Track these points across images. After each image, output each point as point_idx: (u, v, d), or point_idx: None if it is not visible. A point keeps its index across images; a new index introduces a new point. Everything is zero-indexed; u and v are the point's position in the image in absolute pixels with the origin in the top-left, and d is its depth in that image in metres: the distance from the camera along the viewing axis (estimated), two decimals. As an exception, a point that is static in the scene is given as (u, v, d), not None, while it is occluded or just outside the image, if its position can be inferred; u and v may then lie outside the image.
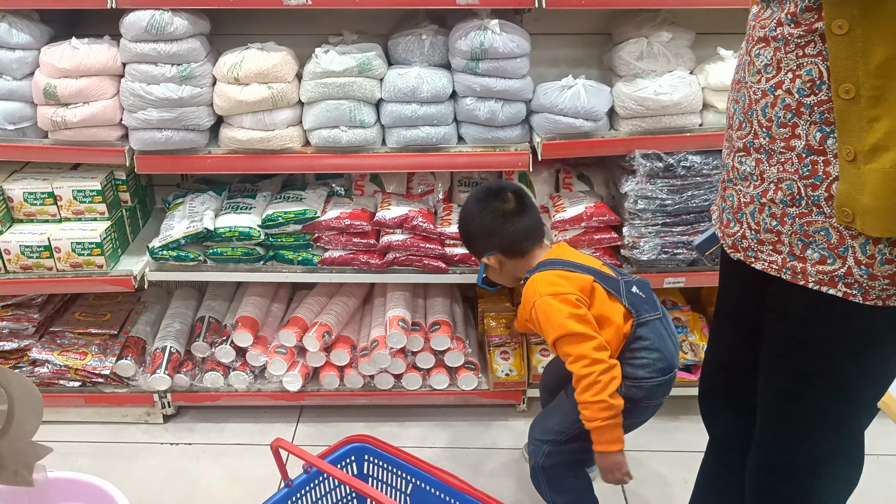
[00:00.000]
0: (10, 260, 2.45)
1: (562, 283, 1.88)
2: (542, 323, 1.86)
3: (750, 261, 1.43)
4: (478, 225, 2.01)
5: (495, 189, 2.04)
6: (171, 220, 2.52)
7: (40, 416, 0.92)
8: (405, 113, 2.33)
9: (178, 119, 2.31)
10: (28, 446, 0.92)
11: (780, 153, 1.31)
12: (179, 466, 2.50)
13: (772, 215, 1.35)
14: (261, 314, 2.70)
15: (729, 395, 1.71)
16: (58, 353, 2.60)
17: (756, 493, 1.59)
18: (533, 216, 2.02)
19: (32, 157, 2.48)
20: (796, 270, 1.34)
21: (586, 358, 1.80)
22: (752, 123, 1.35)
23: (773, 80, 1.29)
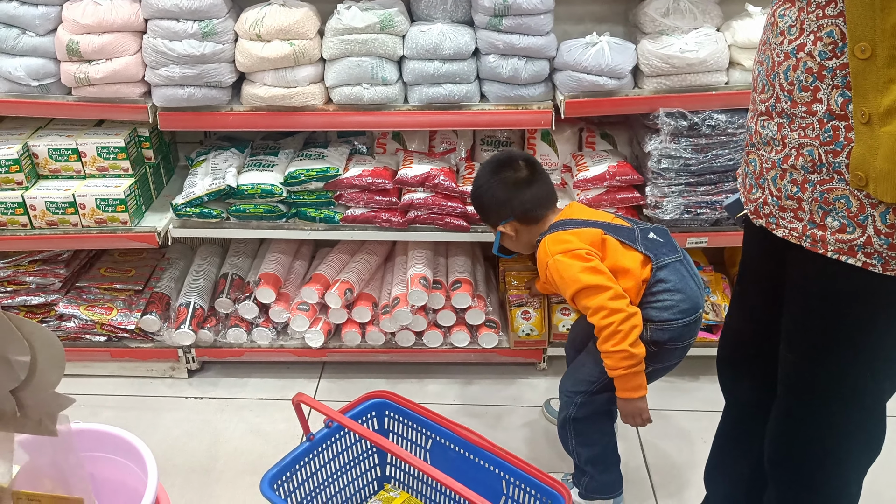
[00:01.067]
0: (37, 216, 2.48)
1: (571, 239, 1.89)
2: (558, 281, 1.88)
3: (771, 227, 1.41)
4: (491, 196, 2.02)
5: (505, 159, 2.06)
6: (195, 178, 2.54)
7: (62, 368, 0.94)
8: (427, 70, 2.30)
9: (200, 76, 2.30)
10: (51, 396, 0.95)
11: (801, 118, 1.28)
12: (203, 420, 2.55)
13: (793, 181, 1.33)
14: (283, 271, 2.72)
15: (748, 362, 1.70)
16: (84, 307, 2.65)
17: (775, 461, 1.58)
18: (545, 183, 2.03)
19: (56, 113, 2.50)
20: (816, 238, 1.32)
21: (604, 309, 1.81)
22: (774, 87, 1.32)
23: (796, 41, 1.25)
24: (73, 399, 0.98)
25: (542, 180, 2.02)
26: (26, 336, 0.91)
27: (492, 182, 2.01)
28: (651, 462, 2.36)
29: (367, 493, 2.18)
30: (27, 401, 0.94)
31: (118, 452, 1.64)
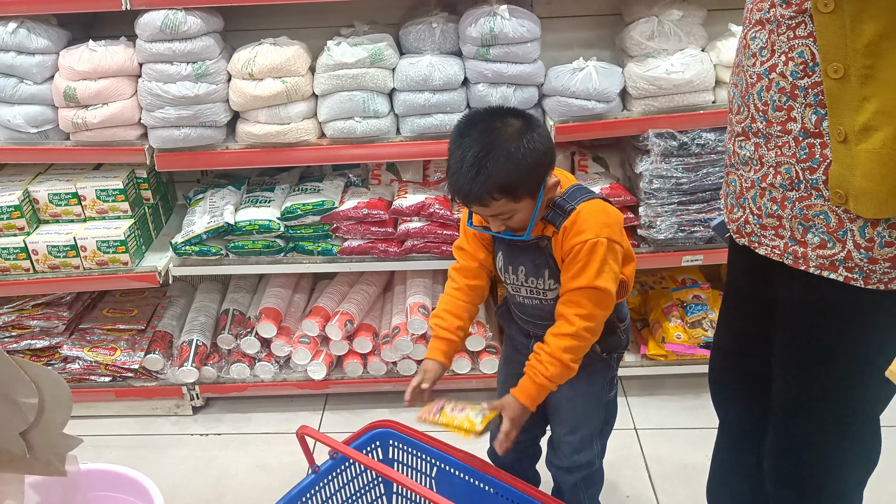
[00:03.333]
0: (39, 260, 2.51)
1: (615, 226, 1.63)
2: (584, 263, 1.58)
3: (754, 246, 1.42)
4: (527, 147, 1.53)
5: (494, 114, 1.62)
6: (193, 216, 2.57)
7: (70, 408, 0.96)
8: (418, 101, 2.34)
9: (195, 116, 2.34)
10: (59, 437, 0.96)
11: (777, 137, 1.30)
12: (209, 456, 2.56)
13: (772, 200, 1.34)
14: (283, 305, 2.74)
15: (739, 380, 1.70)
16: (88, 349, 2.67)
17: (775, 477, 1.59)
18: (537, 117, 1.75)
19: (55, 158, 2.54)
20: (797, 255, 1.33)
21: (594, 321, 1.62)
22: (749, 107, 1.34)
23: (768, 63, 1.28)
24: (81, 439, 0.99)
25: (542, 127, 1.63)
26: (33, 378, 0.93)
27: (517, 136, 1.54)
28: (656, 482, 2.36)
29: (374, 523, 2.18)
30: (36, 442, 0.96)
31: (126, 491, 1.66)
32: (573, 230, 1.60)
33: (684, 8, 2.35)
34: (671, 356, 2.62)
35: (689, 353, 2.59)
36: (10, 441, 0.96)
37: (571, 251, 1.60)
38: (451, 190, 1.61)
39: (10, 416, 0.95)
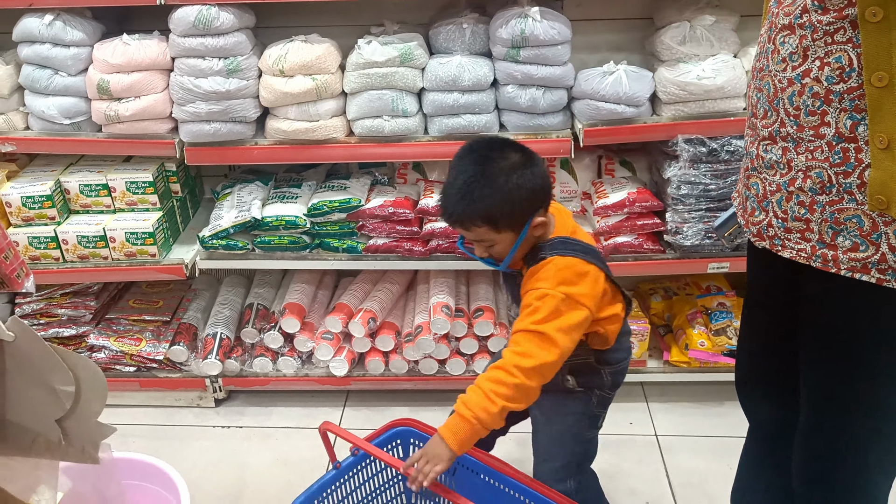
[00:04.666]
0: (69, 249, 2.54)
1: (581, 285, 1.60)
2: (532, 308, 1.59)
3: (776, 249, 1.42)
4: (516, 182, 1.57)
5: (494, 144, 1.66)
6: (220, 210, 2.59)
7: (105, 398, 0.97)
8: (447, 102, 2.35)
9: (225, 111, 2.37)
10: (94, 425, 0.98)
11: (808, 141, 1.29)
12: (230, 448, 2.58)
13: (800, 203, 1.34)
14: (307, 301, 2.76)
15: (766, 383, 1.70)
16: (114, 339, 2.70)
17: (803, 480, 1.58)
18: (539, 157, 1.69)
19: (87, 150, 2.57)
20: (827, 258, 1.33)
21: (531, 360, 1.55)
22: (778, 112, 1.33)
23: (800, 68, 1.27)
24: (115, 428, 1.01)
25: (541, 167, 1.64)
26: (71, 367, 0.95)
27: (508, 171, 1.57)
28: (676, 489, 2.35)
29: (394, 520, 2.18)
30: (71, 429, 0.98)
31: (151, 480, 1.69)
32: (534, 277, 1.62)
33: (716, 13, 2.33)
34: (694, 363, 2.60)
35: (712, 361, 2.57)
36: (47, 427, 0.98)
37: (526, 295, 1.62)
38: (439, 209, 1.65)
39: (47, 403, 0.96)
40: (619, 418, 2.64)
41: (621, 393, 2.70)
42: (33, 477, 1.06)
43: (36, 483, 1.07)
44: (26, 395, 0.98)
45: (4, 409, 1.00)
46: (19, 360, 0.95)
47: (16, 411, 1.00)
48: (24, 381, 0.97)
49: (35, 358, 0.95)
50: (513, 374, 1.54)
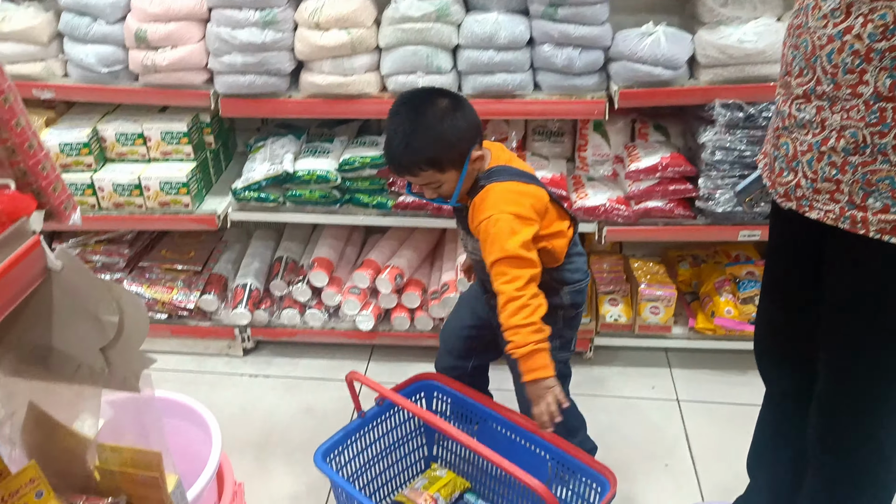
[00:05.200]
0: (104, 197, 2.58)
1: (523, 202, 1.75)
2: (491, 237, 1.73)
3: (803, 210, 1.41)
4: (450, 124, 1.73)
5: (422, 93, 1.83)
6: (253, 163, 2.61)
7: (146, 329, 1.00)
8: (482, 59, 2.34)
9: (260, 63, 2.38)
10: (136, 355, 1.01)
11: (844, 100, 1.28)
12: (257, 396, 2.64)
13: (831, 164, 1.33)
14: (336, 256, 2.79)
15: (784, 350, 1.71)
16: (147, 286, 2.75)
17: (819, 441, 1.59)
18: (472, 110, 1.83)
19: (124, 99, 2.60)
20: (856, 219, 1.33)
21: (521, 279, 1.71)
22: (814, 70, 1.32)
23: (842, 24, 1.25)
24: (155, 359, 1.04)
25: (469, 107, 1.81)
26: (115, 298, 0.98)
27: (440, 112, 1.74)
28: (696, 453, 2.37)
29: (415, 471, 2.23)
30: (114, 359, 1.01)
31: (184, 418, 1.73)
32: (478, 209, 1.77)
33: (760, -24, 2.29)
34: (720, 331, 2.60)
35: (738, 329, 2.57)
36: (91, 356, 1.01)
37: (478, 229, 1.76)
38: (385, 162, 1.83)
39: (92, 332, 1.00)
40: (642, 382, 2.65)
41: (644, 357, 2.74)
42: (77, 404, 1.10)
43: (79, 410, 1.11)
44: (72, 324, 1.01)
45: (51, 338, 1.03)
46: (66, 289, 0.98)
47: (62, 340, 1.03)
48: (70, 310, 1.00)
49: (81, 288, 0.98)
50: (518, 296, 1.70)
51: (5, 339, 1.05)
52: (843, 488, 1.59)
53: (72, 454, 1.13)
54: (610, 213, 2.45)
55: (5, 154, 0.94)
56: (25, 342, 1.05)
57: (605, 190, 2.54)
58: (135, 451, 1.08)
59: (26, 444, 1.15)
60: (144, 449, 1.08)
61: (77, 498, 1.15)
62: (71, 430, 1.13)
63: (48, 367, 1.06)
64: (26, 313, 1.01)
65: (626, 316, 2.66)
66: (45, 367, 1.06)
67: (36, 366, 1.07)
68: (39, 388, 1.10)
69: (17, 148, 0.94)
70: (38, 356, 1.06)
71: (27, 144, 0.96)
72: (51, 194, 0.98)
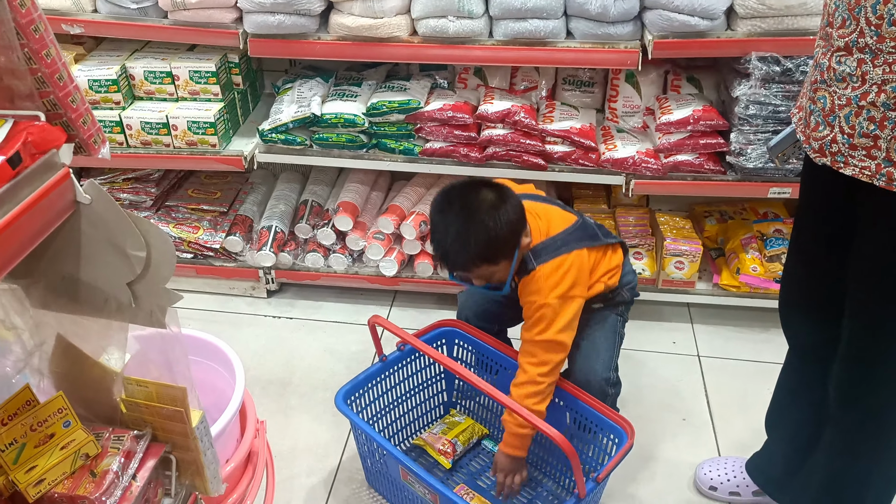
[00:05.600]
0: (132, 135, 2.59)
1: (566, 280, 1.82)
2: (535, 319, 1.83)
3: (838, 166, 1.38)
4: (505, 220, 1.76)
5: (468, 189, 1.83)
6: (280, 105, 2.60)
7: (173, 264, 1.01)
8: (514, 4, 2.28)
9: (290, 3, 2.34)
10: (162, 291, 1.03)
11: (888, 53, 1.24)
12: (280, 337, 2.68)
13: (870, 119, 1.30)
14: (361, 200, 2.79)
15: (812, 305, 1.69)
16: (173, 225, 2.78)
17: (840, 398, 1.59)
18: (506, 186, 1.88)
19: (152, 36, 2.58)
20: (892, 176, 1.30)
21: (548, 365, 1.82)
22: (858, 21, 1.28)
23: None
24: (182, 295, 1.05)
25: (508, 189, 1.85)
26: (143, 233, 0.98)
27: (488, 209, 1.76)
28: (714, 408, 2.37)
29: (434, 416, 2.26)
30: (141, 293, 1.03)
31: (209, 356, 1.76)
32: (527, 289, 1.85)
33: (807, -77, 2.20)
34: (744, 287, 2.58)
35: (763, 287, 2.55)
36: (119, 290, 1.03)
37: (525, 306, 1.86)
38: (437, 260, 1.83)
39: (119, 266, 1.01)
40: (663, 337, 2.65)
41: (665, 312, 2.73)
42: (104, 337, 1.12)
43: (107, 343, 1.14)
44: (100, 258, 1.02)
45: (79, 271, 1.05)
46: (94, 222, 0.99)
47: (89, 273, 1.05)
48: (98, 243, 1.01)
49: (109, 222, 0.98)
50: (538, 382, 1.83)
51: (35, 270, 1.07)
52: (864, 443, 1.60)
53: (99, 386, 1.16)
54: (638, 166, 2.42)
55: (35, 85, 0.94)
56: (54, 274, 1.06)
57: (634, 142, 2.51)
58: (160, 385, 1.11)
59: (54, 374, 1.18)
60: (170, 384, 1.10)
61: (103, 429, 1.18)
62: (98, 362, 1.16)
63: (76, 300, 1.08)
64: (55, 246, 1.02)
65: (650, 270, 2.65)
66: (73, 300, 1.08)
67: (64, 298, 1.09)
68: (68, 320, 1.12)
69: (47, 79, 0.94)
70: (66, 288, 1.08)
71: (57, 76, 0.96)
72: (80, 127, 0.99)
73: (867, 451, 1.61)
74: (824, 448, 1.69)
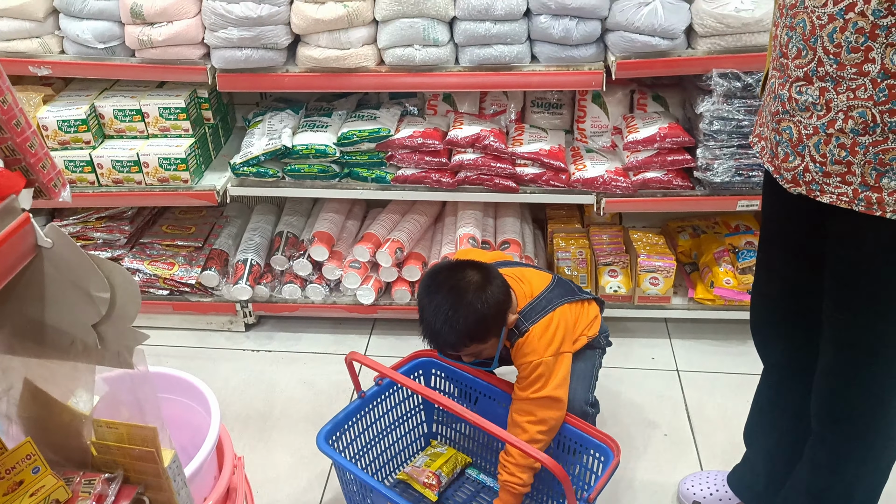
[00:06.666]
0: (103, 174, 2.59)
1: (557, 336, 1.87)
2: (531, 379, 1.85)
3: (814, 194, 1.38)
4: (492, 300, 1.81)
5: (454, 271, 1.88)
6: (252, 138, 2.61)
7: (138, 304, 1.01)
8: (479, 31, 2.32)
9: (257, 38, 2.36)
10: (128, 331, 1.02)
11: (850, 80, 1.25)
12: (260, 370, 2.66)
13: (840, 146, 1.30)
14: (336, 230, 2.80)
15: (783, 324, 1.70)
16: (147, 262, 2.77)
17: (821, 416, 1.59)
18: (495, 270, 1.91)
19: (121, 75, 2.58)
20: (871, 201, 1.30)
21: (547, 423, 1.85)
22: (815, 50, 1.28)
23: (843, 2, 1.21)
24: (148, 335, 1.05)
25: (492, 268, 1.91)
26: (106, 274, 0.98)
27: (474, 290, 1.81)
28: (695, 423, 2.38)
29: (416, 448, 2.24)
30: (107, 334, 1.02)
31: (183, 394, 1.75)
32: (521, 351, 1.88)
33: (760, -58, 2.25)
34: (719, 301, 2.60)
35: (737, 299, 2.57)
36: (84, 332, 1.02)
37: (521, 367, 1.88)
38: (426, 340, 1.88)
39: (84, 308, 1.00)
40: (642, 353, 2.66)
41: (644, 328, 2.75)
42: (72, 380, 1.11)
43: (75, 386, 1.13)
44: (64, 301, 1.02)
45: (43, 314, 1.04)
46: (57, 265, 0.99)
47: (54, 316, 1.04)
48: (61, 286, 1.01)
49: (72, 264, 0.98)
50: (538, 440, 1.84)
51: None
52: (848, 461, 1.59)
53: (68, 430, 1.15)
54: (608, 185, 2.45)
55: (-8, 132, 0.94)
56: (19, 318, 1.06)
57: (603, 161, 2.53)
58: (130, 426, 1.10)
59: (22, 419, 1.16)
60: (140, 424, 1.09)
61: (73, 473, 1.16)
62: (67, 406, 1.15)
63: (42, 343, 1.07)
64: (18, 290, 1.02)
65: (625, 287, 2.66)
66: (39, 343, 1.07)
67: (30, 342, 1.08)
68: (34, 364, 1.11)
69: (4, 125, 0.94)
70: (32, 332, 1.07)
71: (14, 122, 0.96)
72: (40, 171, 0.99)
73: (851, 469, 1.61)
74: (806, 464, 1.69)
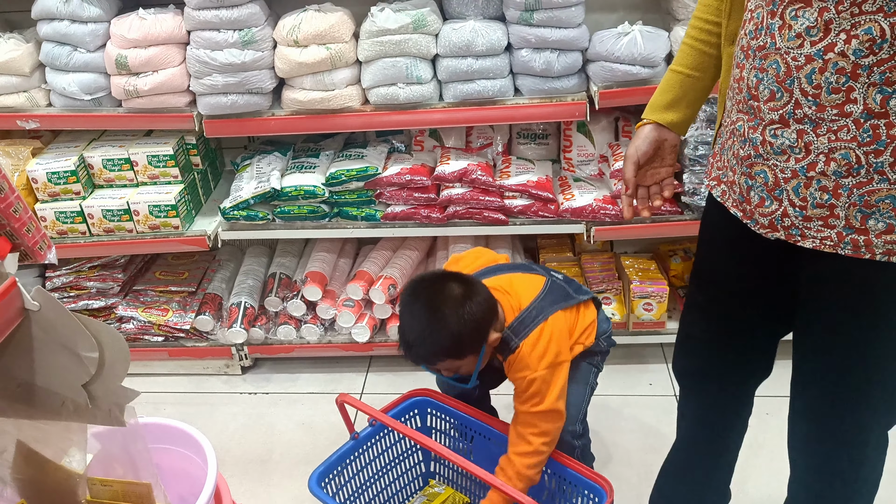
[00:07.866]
0: (94, 224, 2.60)
1: (552, 347, 1.81)
2: (529, 393, 1.81)
3: (794, 239, 1.33)
4: (472, 315, 1.74)
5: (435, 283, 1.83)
6: (240, 182, 2.63)
7: (127, 362, 1.01)
8: (461, 67, 2.35)
9: (241, 83, 2.39)
10: (119, 389, 1.02)
11: (831, 121, 1.21)
12: (258, 414, 2.65)
13: (822, 189, 1.26)
14: (328, 269, 2.80)
15: (715, 373, 1.65)
16: (141, 310, 2.76)
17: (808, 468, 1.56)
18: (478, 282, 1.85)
19: (108, 125, 2.61)
20: (858, 244, 1.26)
21: (550, 435, 1.83)
22: (791, 92, 1.23)
23: (821, 43, 1.18)
24: (139, 392, 1.05)
25: (477, 283, 1.84)
26: (94, 334, 0.99)
27: (455, 303, 1.74)
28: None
29: (413, 489, 2.22)
30: (97, 393, 1.02)
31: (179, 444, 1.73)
32: (514, 367, 1.83)
33: (733, -31, 2.29)
34: (713, 323, 2.60)
35: (731, 321, 2.57)
36: (74, 392, 1.03)
37: (516, 382, 1.84)
38: (402, 351, 1.83)
39: (73, 368, 1.01)
40: (639, 379, 2.66)
41: (641, 354, 2.74)
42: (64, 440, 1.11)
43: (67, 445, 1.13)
44: (53, 362, 1.02)
45: (33, 376, 1.05)
46: (45, 328, 1.00)
47: (44, 377, 1.04)
48: (50, 348, 1.01)
49: (59, 326, 0.99)
50: (542, 451, 1.83)
51: (-11, 379, 1.07)
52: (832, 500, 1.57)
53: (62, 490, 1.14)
54: (597, 213, 2.46)
55: (-23, 199, 0.95)
56: (9, 380, 1.06)
57: (591, 190, 2.55)
58: (124, 483, 1.10)
59: (17, 481, 1.16)
60: (134, 481, 1.09)
61: (70, 532, 1.16)
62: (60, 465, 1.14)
63: (33, 405, 1.07)
64: (7, 352, 1.02)
65: (619, 314, 2.67)
66: (30, 405, 1.08)
67: (21, 403, 1.08)
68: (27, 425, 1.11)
69: (-12, 192, 0.96)
70: (22, 394, 1.07)
71: (-2, 188, 0.97)
72: (24, 235, 1.00)
73: None
74: None
